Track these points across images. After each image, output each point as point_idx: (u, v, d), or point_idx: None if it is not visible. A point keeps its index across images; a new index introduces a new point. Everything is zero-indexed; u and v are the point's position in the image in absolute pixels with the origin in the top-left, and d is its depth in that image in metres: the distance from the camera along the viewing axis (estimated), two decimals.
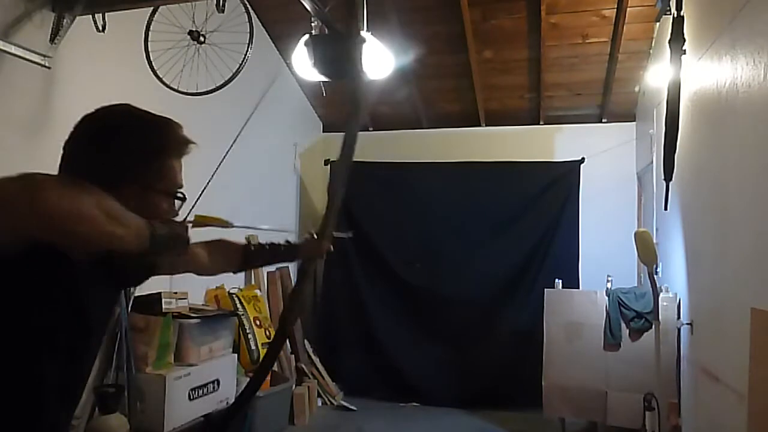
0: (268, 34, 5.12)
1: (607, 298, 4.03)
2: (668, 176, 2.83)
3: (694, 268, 3.24)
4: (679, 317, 3.57)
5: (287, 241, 1.70)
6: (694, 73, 3.07)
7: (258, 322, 4.42)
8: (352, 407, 5.00)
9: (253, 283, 4.90)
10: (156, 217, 1.10)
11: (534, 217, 5.21)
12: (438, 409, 4.98)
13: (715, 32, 2.74)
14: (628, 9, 4.30)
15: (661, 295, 3.57)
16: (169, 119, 1.18)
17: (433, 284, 5.28)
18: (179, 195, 1.18)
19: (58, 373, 1.06)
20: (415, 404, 5.09)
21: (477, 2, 4.54)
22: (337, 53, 3.11)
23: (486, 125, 5.82)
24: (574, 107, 5.56)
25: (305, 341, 5.24)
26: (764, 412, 2.02)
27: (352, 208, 5.53)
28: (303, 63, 3.18)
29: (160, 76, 3.12)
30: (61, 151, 1.13)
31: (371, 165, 5.63)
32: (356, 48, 1.91)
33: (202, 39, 3.10)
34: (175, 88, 3.14)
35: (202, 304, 4.13)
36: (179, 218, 1.22)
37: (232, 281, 4.59)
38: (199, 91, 3.23)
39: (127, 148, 1.12)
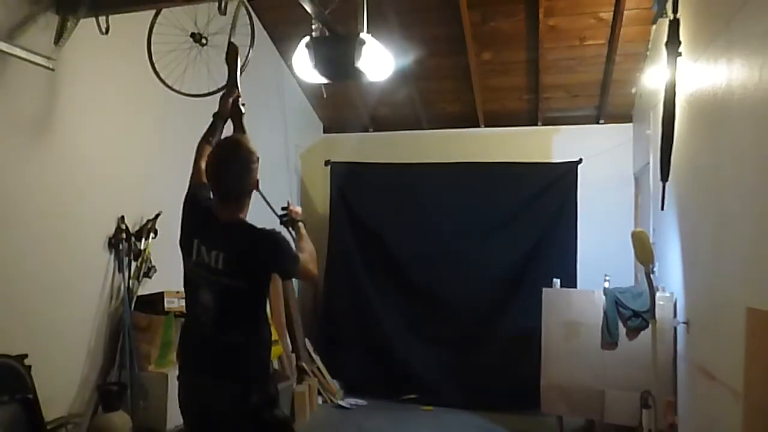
0: (270, 36, 5.15)
1: (604, 297, 4.06)
2: (665, 177, 2.86)
3: (691, 268, 3.27)
4: (675, 316, 3.61)
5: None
6: (691, 75, 3.11)
7: None
8: (352, 407, 5.03)
9: None
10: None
11: (532, 217, 5.24)
12: (438, 408, 5.00)
13: (711, 35, 2.78)
14: (625, 12, 4.34)
15: (658, 294, 3.60)
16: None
17: (433, 284, 5.31)
18: None
19: None
20: (413, 395, 5.12)
21: (476, 4, 4.57)
22: (338, 55, 3.14)
23: (485, 126, 5.86)
24: (572, 108, 5.59)
25: (306, 340, 5.27)
26: (759, 409, 2.04)
27: (352, 208, 5.57)
28: (304, 65, 3.20)
29: (163, 77, 3.15)
30: (232, 174, 2.22)
31: (371, 165, 5.68)
32: None
33: (204, 41, 3.12)
34: (178, 89, 3.17)
35: None
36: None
37: None
38: (201, 92, 3.25)
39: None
